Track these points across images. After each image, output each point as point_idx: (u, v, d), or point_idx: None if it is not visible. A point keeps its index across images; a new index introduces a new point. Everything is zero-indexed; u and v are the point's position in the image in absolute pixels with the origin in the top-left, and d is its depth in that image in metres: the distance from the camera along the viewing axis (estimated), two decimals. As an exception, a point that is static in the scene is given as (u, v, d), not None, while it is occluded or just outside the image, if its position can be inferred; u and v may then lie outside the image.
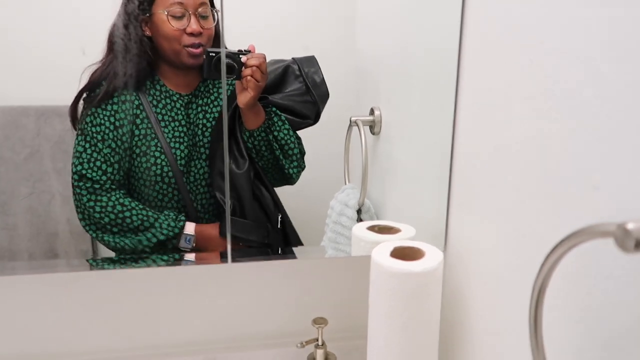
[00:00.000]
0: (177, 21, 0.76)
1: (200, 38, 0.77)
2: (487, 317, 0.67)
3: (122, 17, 0.75)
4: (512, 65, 0.58)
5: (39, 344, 0.89)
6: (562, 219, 0.51)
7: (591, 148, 0.47)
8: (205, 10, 0.77)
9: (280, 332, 0.95)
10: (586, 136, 0.47)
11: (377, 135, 0.85)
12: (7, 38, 0.74)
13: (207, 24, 0.78)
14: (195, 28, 0.77)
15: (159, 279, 0.90)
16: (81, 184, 0.80)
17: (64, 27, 0.75)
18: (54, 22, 0.75)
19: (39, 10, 0.74)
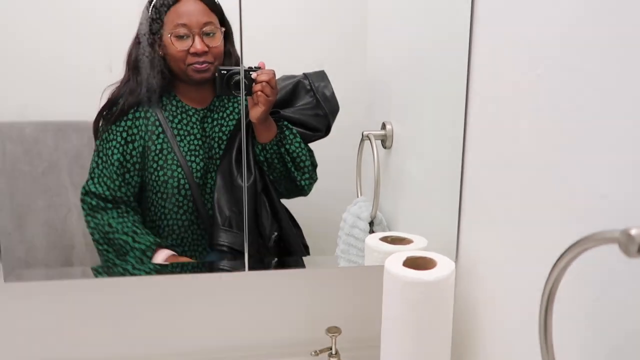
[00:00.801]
0: (181, 42, 0.79)
1: (205, 57, 0.79)
2: (498, 326, 0.68)
3: (137, 39, 0.78)
4: (519, 80, 0.60)
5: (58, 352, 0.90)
6: (571, 227, 0.52)
7: (598, 158, 0.48)
8: (211, 28, 0.79)
9: (294, 341, 0.96)
10: (593, 146, 0.48)
11: (389, 149, 0.87)
12: (28, 55, 0.77)
13: (213, 42, 0.80)
14: (200, 48, 0.79)
15: (174, 287, 0.91)
16: (86, 199, 0.82)
17: (85, 44, 0.77)
18: (75, 40, 0.77)
19: (59, 28, 0.77)
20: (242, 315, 0.94)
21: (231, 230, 0.85)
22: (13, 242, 0.81)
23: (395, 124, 0.87)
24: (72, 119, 0.80)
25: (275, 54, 0.82)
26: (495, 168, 0.67)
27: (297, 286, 0.94)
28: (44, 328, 0.89)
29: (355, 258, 0.87)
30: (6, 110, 0.77)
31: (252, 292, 0.93)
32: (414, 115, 0.86)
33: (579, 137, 0.50)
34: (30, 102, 0.78)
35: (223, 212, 0.84)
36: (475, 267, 0.74)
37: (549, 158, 0.55)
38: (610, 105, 0.46)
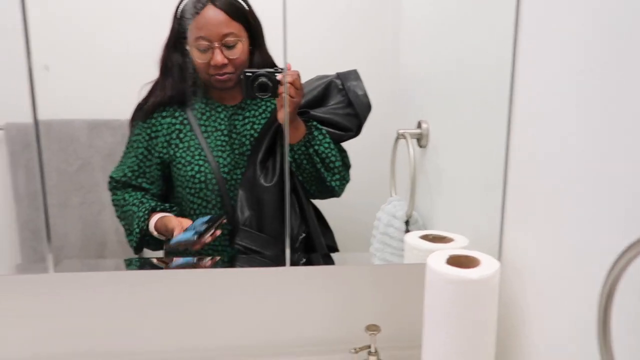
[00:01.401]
0: (201, 54, 0.79)
1: (225, 68, 0.80)
2: (545, 328, 0.67)
3: (167, 45, 0.79)
4: (569, 73, 0.59)
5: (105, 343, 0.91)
6: (624, 227, 0.51)
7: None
8: (231, 40, 0.80)
9: (333, 338, 0.95)
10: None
11: (424, 147, 0.87)
12: (66, 56, 0.78)
13: (233, 53, 0.80)
14: (219, 60, 0.79)
15: (214, 280, 0.92)
16: (109, 186, 0.84)
17: (123, 44, 0.79)
18: (114, 40, 0.79)
19: (96, 28, 0.78)
20: (280, 312, 0.94)
21: (251, 230, 0.85)
22: (52, 237, 0.82)
23: (432, 122, 0.86)
24: (105, 117, 0.81)
25: (308, 55, 0.82)
26: (541, 165, 0.66)
27: (335, 284, 0.94)
28: (83, 319, 0.90)
29: (390, 257, 0.87)
30: (45, 108, 0.78)
31: (290, 288, 0.93)
32: (452, 113, 0.86)
33: (634, 133, 0.49)
34: (68, 101, 0.79)
35: (244, 211, 0.85)
36: (520, 266, 0.73)
37: (600, 154, 0.54)
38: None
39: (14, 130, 0.80)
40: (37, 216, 0.81)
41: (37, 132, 0.79)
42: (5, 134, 0.80)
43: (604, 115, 0.54)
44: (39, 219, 0.81)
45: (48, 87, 0.77)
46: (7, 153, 0.80)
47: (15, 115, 0.78)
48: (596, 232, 0.56)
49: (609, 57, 0.53)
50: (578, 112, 0.58)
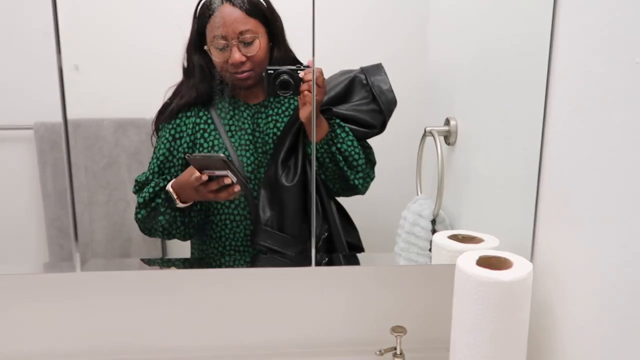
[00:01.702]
0: (220, 53, 0.79)
1: (244, 66, 0.79)
2: (579, 334, 0.64)
3: (189, 46, 0.79)
4: (611, 68, 0.56)
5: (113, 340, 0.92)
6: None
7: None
8: (248, 37, 0.79)
9: (359, 340, 0.94)
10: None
11: (452, 145, 0.85)
12: (94, 56, 0.78)
13: (250, 50, 0.79)
14: (237, 58, 0.79)
15: (235, 280, 0.92)
16: (134, 189, 0.84)
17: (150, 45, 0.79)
18: (140, 41, 0.79)
19: (123, 30, 0.79)
20: (305, 312, 0.94)
21: (272, 230, 0.84)
22: (78, 235, 0.83)
23: (461, 120, 0.84)
24: (131, 116, 0.81)
25: (332, 49, 0.81)
26: (578, 163, 0.64)
27: (360, 284, 0.93)
28: (109, 318, 0.91)
29: (416, 257, 0.85)
30: (73, 108, 0.79)
31: (315, 289, 0.93)
32: (482, 110, 0.83)
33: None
34: (95, 100, 0.80)
35: (266, 210, 0.84)
36: (554, 268, 0.70)
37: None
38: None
39: (43, 129, 0.81)
40: (64, 214, 0.82)
41: (66, 131, 0.80)
42: (35, 133, 0.81)
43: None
44: (66, 217, 0.82)
45: (76, 87, 0.78)
46: (36, 152, 0.81)
47: (44, 115, 0.79)
48: (635, 233, 0.53)
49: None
50: (618, 109, 0.55)
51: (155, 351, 0.92)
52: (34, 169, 0.82)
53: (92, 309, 0.90)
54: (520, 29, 0.76)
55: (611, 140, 0.57)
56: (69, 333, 0.91)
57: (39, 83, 0.78)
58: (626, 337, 0.54)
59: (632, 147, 0.53)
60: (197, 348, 0.93)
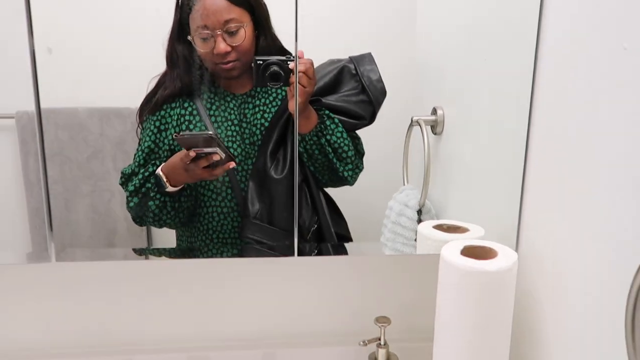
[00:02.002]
0: (204, 43, 0.77)
1: (229, 56, 0.78)
2: (563, 323, 0.64)
3: (171, 36, 0.77)
4: (600, 55, 0.56)
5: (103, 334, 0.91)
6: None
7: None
8: (233, 27, 0.77)
9: (342, 330, 0.94)
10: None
11: (439, 135, 0.84)
12: (74, 44, 0.77)
13: (235, 40, 0.78)
14: (222, 48, 0.77)
15: (219, 271, 0.91)
16: (120, 181, 0.83)
17: (132, 35, 0.78)
18: (122, 30, 0.77)
19: (106, 19, 0.77)
20: (288, 302, 0.93)
21: (261, 223, 0.83)
22: (60, 225, 0.82)
23: (447, 109, 0.83)
24: (116, 105, 0.80)
25: (318, 37, 0.79)
26: (565, 153, 0.63)
27: (345, 274, 0.93)
28: (89, 308, 0.91)
29: (402, 247, 0.85)
30: (55, 97, 0.77)
31: (299, 279, 0.92)
32: (469, 99, 0.83)
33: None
34: (77, 90, 0.79)
35: (254, 203, 0.83)
36: (539, 258, 0.70)
37: (628, 143, 0.51)
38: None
39: (25, 118, 0.79)
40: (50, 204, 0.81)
41: (39, 118, 0.78)
42: (17, 122, 0.80)
43: (633, 100, 0.50)
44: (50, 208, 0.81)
45: (56, 76, 0.77)
46: (18, 141, 0.80)
47: (27, 104, 0.77)
48: (621, 223, 0.53)
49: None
50: (606, 96, 0.55)
51: (132, 342, 0.92)
52: (16, 159, 0.81)
53: (74, 300, 0.90)
54: (508, 14, 0.75)
55: (598, 129, 0.56)
56: (51, 324, 0.90)
57: (20, 72, 0.76)
58: (610, 326, 0.54)
59: (619, 135, 0.53)
60: (179, 339, 0.92)
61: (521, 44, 0.71)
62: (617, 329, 0.52)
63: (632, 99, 0.51)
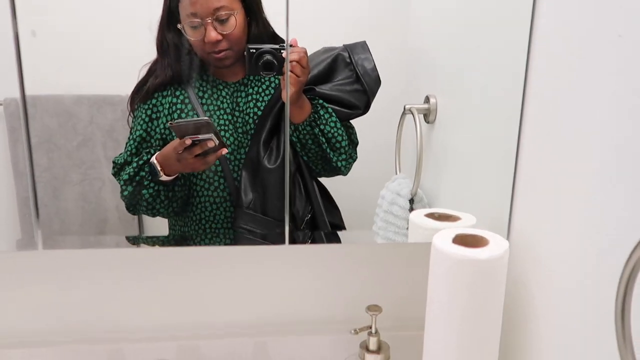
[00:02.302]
0: (194, 32, 0.76)
1: (220, 45, 0.77)
2: (555, 311, 0.64)
3: (161, 24, 0.76)
4: (595, 38, 0.55)
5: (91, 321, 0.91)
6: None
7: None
8: (223, 14, 0.76)
9: (333, 318, 0.94)
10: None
11: (432, 123, 0.84)
12: (64, 29, 0.76)
13: (226, 28, 0.76)
14: (213, 36, 0.76)
15: (210, 259, 0.91)
16: (112, 171, 0.82)
17: (123, 20, 0.76)
18: (113, 15, 0.76)
19: (94, 2, 0.76)
20: (279, 291, 0.93)
21: (255, 213, 0.83)
22: (49, 214, 0.81)
23: (441, 97, 0.83)
24: (106, 92, 0.79)
25: (309, 24, 0.78)
26: (558, 141, 0.63)
27: (336, 263, 0.93)
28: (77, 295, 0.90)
29: (394, 236, 0.85)
30: (43, 83, 0.76)
31: (291, 267, 0.92)
32: (462, 87, 0.82)
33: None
34: (66, 76, 0.77)
35: (247, 193, 0.83)
36: (530, 246, 0.70)
37: (622, 131, 0.51)
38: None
39: (13, 105, 0.78)
40: (36, 192, 0.80)
41: (24, 105, 0.77)
42: (5, 110, 0.78)
43: (627, 87, 0.50)
44: (38, 195, 0.80)
45: (42, 61, 0.75)
46: (6, 129, 0.79)
47: (14, 90, 0.76)
48: (612, 211, 0.53)
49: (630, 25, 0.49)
50: (600, 84, 0.54)
51: (125, 331, 0.91)
52: (5, 146, 0.80)
53: (62, 288, 0.89)
54: (501, 4, 0.74)
55: (592, 117, 0.56)
56: (39, 312, 0.90)
57: (5, 58, 0.74)
58: (601, 315, 0.54)
59: (614, 123, 0.52)
60: (169, 327, 0.92)
61: (515, 31, 0.70)
62: (607, 317, 0.52)
63: (626, 85, 0.50)
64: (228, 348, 0.90)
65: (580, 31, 0.58)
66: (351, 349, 0.88)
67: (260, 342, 0.91)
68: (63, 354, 0.87)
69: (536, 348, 0.68)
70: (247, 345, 0.91)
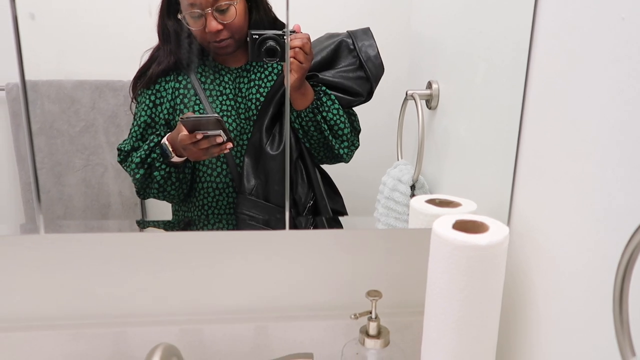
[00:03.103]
0: (195, 21, 0.76)
1: (221, 34, 0.77)
2: (554, 297, 0.64)
3: (161, 12, 0.76)
4: (598, 24, 0.54)
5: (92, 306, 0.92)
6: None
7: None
8: (223, 4, 0.75)
9: (333, 304, 0.95)
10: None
11: (434, 109, 0.83)
12: (63, 13, 0.75)
13: (227, 17, 0.76)
14: (214, 26, 0.76)
15: (211, 244, 0.91)
16: (118, 158, 0.83)
17: (124, 4, 0.76)
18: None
19: None
20: (280, 276, 0.93)
21: (257, 200, 0.83)
22: (52, 199, 0.82)
23: (443, 83, 0.82)
24: (108, 78, 0.79)
25: (311, 8, 0.78)
26: (560, 126, 0.62)
27: (337, 248, 0.93)
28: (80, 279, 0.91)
29: (395, 222, 0.85)
30: (44, 68, 0.76)
31: (291, 253, 0.92)
32: (465, 72, 0.81)
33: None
34: (68, 61, 0.77)
35: (250, 179, 0.83)
36: (531, 232, 0.69)
37: (622, 117, 0.50)
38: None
39: (15, 90, 0.78)
40: (38, 177, 0.81)
41: (24, 89, 0.77)
42: (7, 95, 0.78)
43: (631, 71, 0.49)
44: (40, 180, 0.81)
45: (43, 45, 0.75)
46: (9, 114, 0.79)
47: (16, 75, 0.76)
48: (613, 198, 0.52)
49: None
50: (603, 69, 0.53)
51: (127, 315, 0.92)
52: (7, 132, 0.80)
53: (65, 271, 0.90)
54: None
55: (595, 102, 0.55)
56: (42, 296, 0.91)
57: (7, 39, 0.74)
58: (602, 302, 0.54)
59: (616, 108, 0.52)
60: (171, 311, 0.93)
61: (517, 15, 0.69)
62: (606, 303, 0.52)
63: (630, 70, 0.50)
64: (229, 332, 0.91)
65: (585, 14, 0.57)
66: (351, 334, 0.89)
67: (261, 326, 0.91)
68: (66, 337, 0.89)
69: (535, 333, 0.69)
70: (248, 329, 0.91)
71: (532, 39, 0.68)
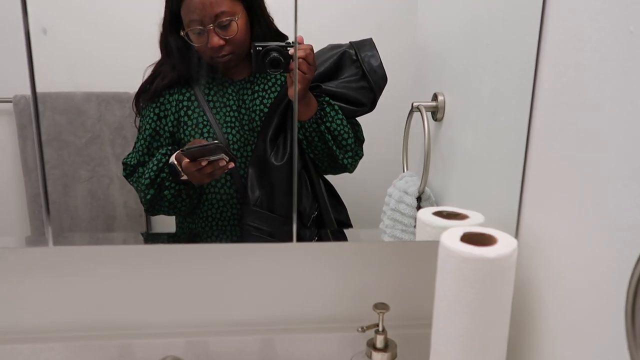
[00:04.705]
0: (197, 37, 0.77)
1: (223, 50, 0.77)
2: (564, 311, 0.63)
3: (164, 25, 0.77)
4: (606, 36, 0.54)
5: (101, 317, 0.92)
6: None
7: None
8: (225, 20, 0.76)
9: (340, 316, 0.94)
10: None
11: (440, 121, 0.83)
12: (74, 27, 0.76)
13: (228, 33, 0.77)
14: (216, 42, 0.76)
15: (218, 256, 0.91)
16: (124, 173, 0.83)
17: (131, 18, 0.77)
18: (122, 14, 0.76)
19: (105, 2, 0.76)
20: (287, 288, 0.93)
21: (262, 210, 0.83)
22: (59, 210, 0.82)
23: (449, 95, 0.82)
24: (115, 90, 0.79)
25: (317, 21, 0.78)
26: (567, 139, 0.62)
27: (343, 260, 0.93)
28: (87, 291, 0.91)
29: (401, 234, 0.84)
30: (53, 80, 0.77)
31: (298, 265, 0.92)
32: (471, 84, 0.81)
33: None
34: (75, 74, 0.78)
35: (254, 190, 0.83)
36: (539, 245, 0.69)
37: (630, 129, 0.50)
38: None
39: (23, 102, 0.79)
40: (47, 189, 0.81)
41: (35, 102, 0.77)
42: (14, 107, 0.79)
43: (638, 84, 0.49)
44: (48, 192, 0.81)
45: (53, 58, 0.76)
46: (16, 126, 0.80)
47: (24, 87, 0.77)
48: (622, 210, 0.52)
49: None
50: (611, 81, 0.53)
51: (134, 327, 0.92)
52: (14, 143, 0.80)
53: (72, 284, 0.90)
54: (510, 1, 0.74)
55: (602, 115, 0.55)
56: (49, 308, 0.90)
57: (17, 55, 0.75)
58: (612, 314, 0.53)
59: (624, 120, 0.52)
60: (178, 324, 0.93)
61: (524, 28, 0.69)
62: (617, 316, 0.51)
63: (638, 81, 0.50)
64: (235, 345, 0.91)
65: (592, 26, 0.57)
66: (358, 346, 0.89)
67: (267, 339, 0.91)
68: (72, 349, 0.88)
69: (545, 347, 0.68)
70: (254, 342, 0.91)
71: (539, 51, 0.68)
